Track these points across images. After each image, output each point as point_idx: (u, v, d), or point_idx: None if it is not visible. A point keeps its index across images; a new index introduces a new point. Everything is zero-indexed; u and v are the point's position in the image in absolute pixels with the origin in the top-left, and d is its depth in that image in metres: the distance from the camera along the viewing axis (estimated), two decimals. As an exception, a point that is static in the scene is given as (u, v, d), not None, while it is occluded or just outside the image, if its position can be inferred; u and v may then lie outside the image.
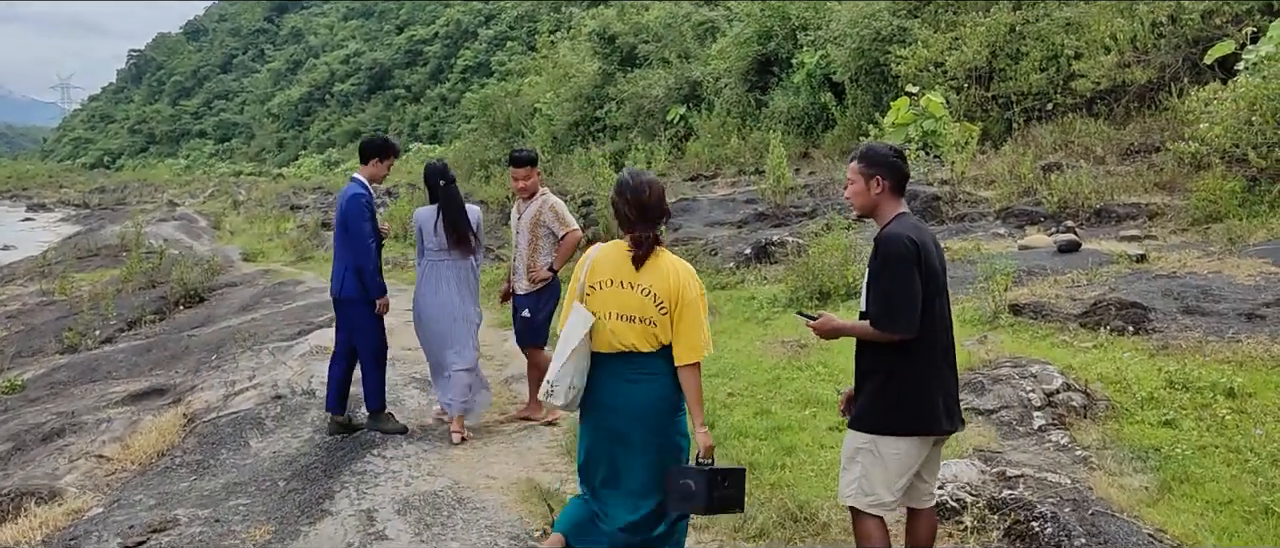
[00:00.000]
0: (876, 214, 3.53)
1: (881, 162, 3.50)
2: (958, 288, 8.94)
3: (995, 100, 17.28)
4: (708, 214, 16.80)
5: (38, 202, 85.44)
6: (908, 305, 3.31)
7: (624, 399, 3.54)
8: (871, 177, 3.49)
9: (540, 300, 6.36)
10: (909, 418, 3.36)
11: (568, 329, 3.56)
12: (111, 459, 6.41)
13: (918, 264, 3.32)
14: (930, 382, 3.38)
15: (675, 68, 26.07)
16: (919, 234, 3.39)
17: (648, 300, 3.52)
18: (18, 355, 14.50)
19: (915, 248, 3.32)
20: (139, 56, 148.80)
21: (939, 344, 3.41)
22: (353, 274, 5.95)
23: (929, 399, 3.38)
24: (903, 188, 3.54)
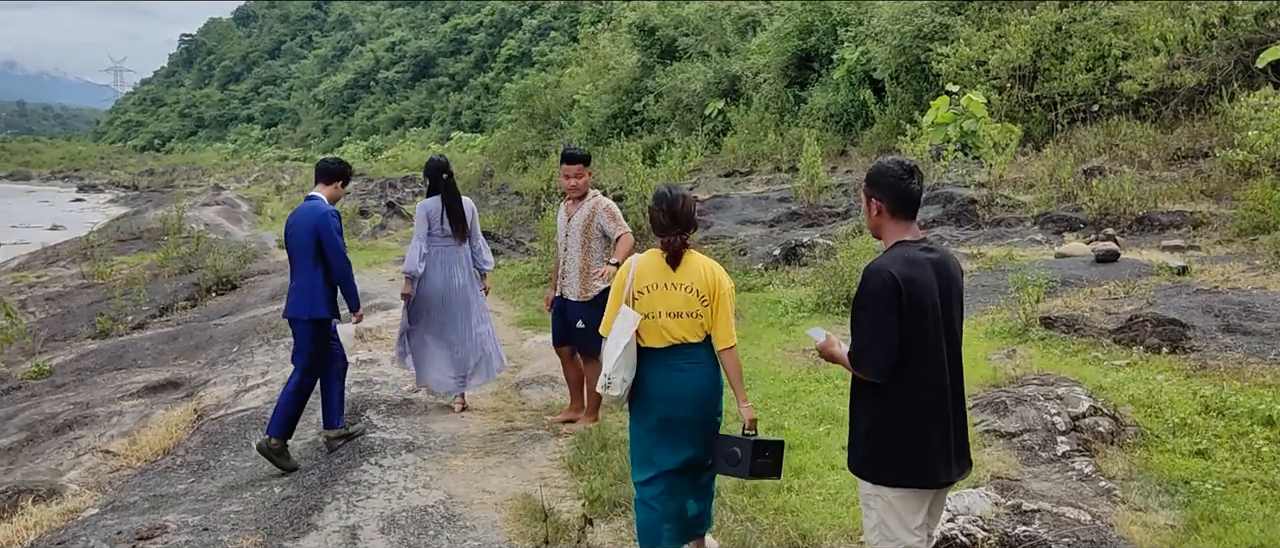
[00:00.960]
0: (881, 237, 3.29)
1: (878, 181, 3.22)
2: (988, 297, 8.67)
3: (1038, 101, 16.87)
4: (740, 211, 16.57)
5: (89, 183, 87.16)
6: (876, 347, 3.07)
7: (676, 387, 3.99)
8: (871, 198, 3.25)
9: (591, 312, 5.96)
10: (904, 470, 3.14)
11: (618, 330, 3.98)
12: (117, 455, 6.37)
13: (897, 302, 3.03)
14: (923, 429, 3.11)
15: (714, 62, 25.86)
16: (909, 268, 3.08)
17: (692, 296, 4.01)
18: (51, 339, 14.65)
19: (895, 284, 3.03)
20: (190, 41, 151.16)
21: (934, 385, 3.11)
22: (326, 293, 5.81)
23: (922, 450, 3.12)
24: (907, 209, 3.21)
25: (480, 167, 34.13)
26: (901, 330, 3.03)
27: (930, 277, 3.10)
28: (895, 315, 3.02)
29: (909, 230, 3.20)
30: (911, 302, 3.03)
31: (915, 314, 3.05)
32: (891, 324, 3.02)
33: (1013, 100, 16.89)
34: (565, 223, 6.30)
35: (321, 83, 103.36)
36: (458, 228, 6.65)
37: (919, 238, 3.20)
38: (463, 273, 6.74)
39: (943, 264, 3.18)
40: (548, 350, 8.36)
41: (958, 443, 3.19)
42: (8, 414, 8.51)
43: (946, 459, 3.15)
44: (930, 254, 3.15)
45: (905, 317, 3.03)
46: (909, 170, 3.19)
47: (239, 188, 58.93)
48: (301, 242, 5.82)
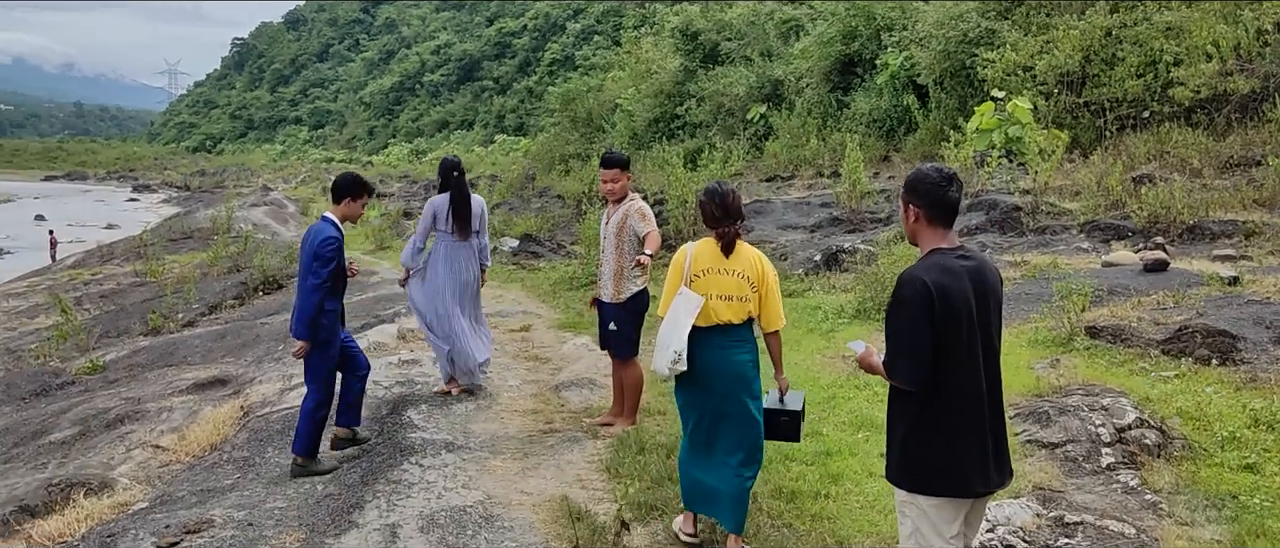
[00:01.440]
0: (918, 244, 3.27)
1: (917, 188, 3.21)
2: (1031, 305, 8.57)
3: (1086, 107, 16.62)
4: (781, 216, 16.51)
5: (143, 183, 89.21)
6: (910, 357, 3.06)
7: (723, 363, 4.37)
8: (908, 204, 3.23)
9: (624, 314, 6.08)
10: (938, 479, 3.12)
11: (678, 310, 4.35)
12: (167, 450, 6.50)
13: (930, 311, 3.01)
14: (958, 438, 3.09)
15: (757, 66, 25.78)
16: (943, 276, 3.06)
17: (743, 282, 4.42)
18: (104, 336, 15.00)
19: (928, 293, 3.01)
20: (242, 44, 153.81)
21: (969, 394, 3.09)
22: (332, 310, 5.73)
23: (957, 459, 3.10)
24: (945, 217, 3.18)
25: (522, 169, 34.31)
26: (935, 339, 3.02)
27: (965, 285, 3.07)
28: (927, 324, 3.00)
29: (946, 238, 3.18)
30: (945, 310, 3.01)
31: (949, 322, 3.03)
32: (924, 332, 3.01)
33: (1060, 106, 16.66)
34: (604, 226, 6.37)
35: (368, 85, 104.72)
36: (460, 224, 6.96)
37: (956, 246, 3.19)
38: (473, 265, 7.09)
39: (979, 272, 3.15)
40: (587, 353, 8.43)
41: (996, 452, 3.17)
42: (62, 409, 8.73)
43: (983, 469, 3.13)
44: (966, 262, 3.13)
45: (939, 325, 3.01)
46: (948, 178, 3.17)
47: (286, 188, 59.91)
48: (303, 262, 5.73)
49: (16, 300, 21.53)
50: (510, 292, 13.33)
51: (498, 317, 10.56)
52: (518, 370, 8.01)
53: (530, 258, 16.97)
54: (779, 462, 5.33)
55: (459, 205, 6.96)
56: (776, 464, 5.31)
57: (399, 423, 6.27)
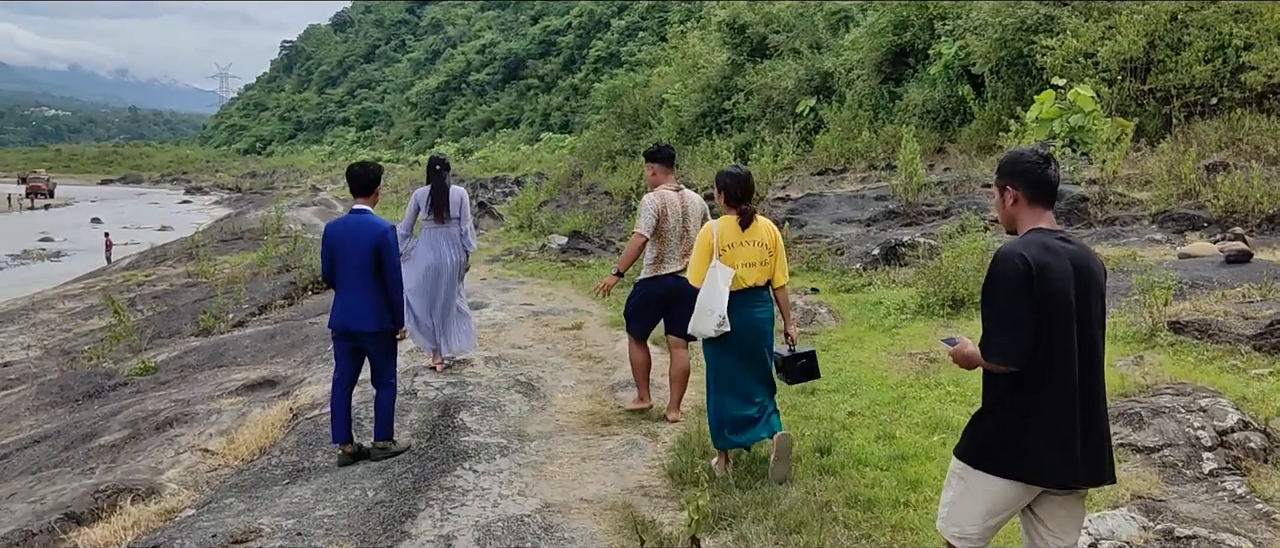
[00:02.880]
0: (1015, 228, 3.12)
1: (1013, 169, 3.09)
2: (1109, 299, 8.15)
3: (1152, 94, 16.07)
4: (835, 210, 16.14)
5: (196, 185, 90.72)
6: (1008, 333, 2.91)
7: (750, 320, 5.08)
8: (1004, 187, 3.11)
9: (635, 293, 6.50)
10: (1002, 457, 2.97)
11: (716, 280, 4.97)
12: (215, 453, 6.36)
13: (1029, 288, 2.87)
14: (1040, 423, 2.92)
15: (806, 59, 25.40)
16: (1043, 253, 2.92)
17: (762, 249, 5.15)
18: (156, 336, 15.05)
19: (1027, 269, 2.88)
20: (291, 47, 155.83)
21: (1058, 383, 2.91)
22: (385, 307, 5.77)
23: (1032, 442, 2.93)
24: (1046, 197, 3.06)
25: (569, 167, 34.18)
26: (1036, 317, 2.88)
27: (1067, 267, 2.94)
28: (1027, 301, 2.88)
29: (1043, 219, 3.05)
30: (1045, 289, 2.88)
31: (1048, 303, 2.89)
32: (1024, 309, 2.88)
33: (1124, 94, 16.11)
34: None
35: (414, 85, 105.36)
36: (437, 211, 7.79)
37: (1055, 227, 3.05)
38: (455, 248, 7.89)
39: (1082, 258, 3.00)
40: (641, 352, 8.18)
41: (1087, 448, 2.95)
42: (112, 411, 8.66)
43: (1062, 463, 2.93)
44: (1068, 245, 2.99)
45: (1038, 304, 2.88)
46: (1045, 158, 3.06)
47: (335, 189, 60.41)
48: (361, 258, 5.69)
49: (72, 302, 21.78)
50: (560, 289, 13.11)
51: (549, 315, 10.34)
52: (571, 370, 7.78)
53: (579, 255, 16.76)
54: (851, 467, 5.04)
55: (437, 194, 7.78)
56: (849, 469, 5.01)
57: (451, 426, 6.06)
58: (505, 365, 7.86)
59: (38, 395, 11.14)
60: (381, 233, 5.70)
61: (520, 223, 23.57)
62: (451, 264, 7.81)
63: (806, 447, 5.31)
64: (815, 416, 5.96)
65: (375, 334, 5.72)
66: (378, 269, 5.67)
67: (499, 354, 8.31)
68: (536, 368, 7.79)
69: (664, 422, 6.07)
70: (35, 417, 10.44)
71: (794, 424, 5.77)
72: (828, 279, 11.15)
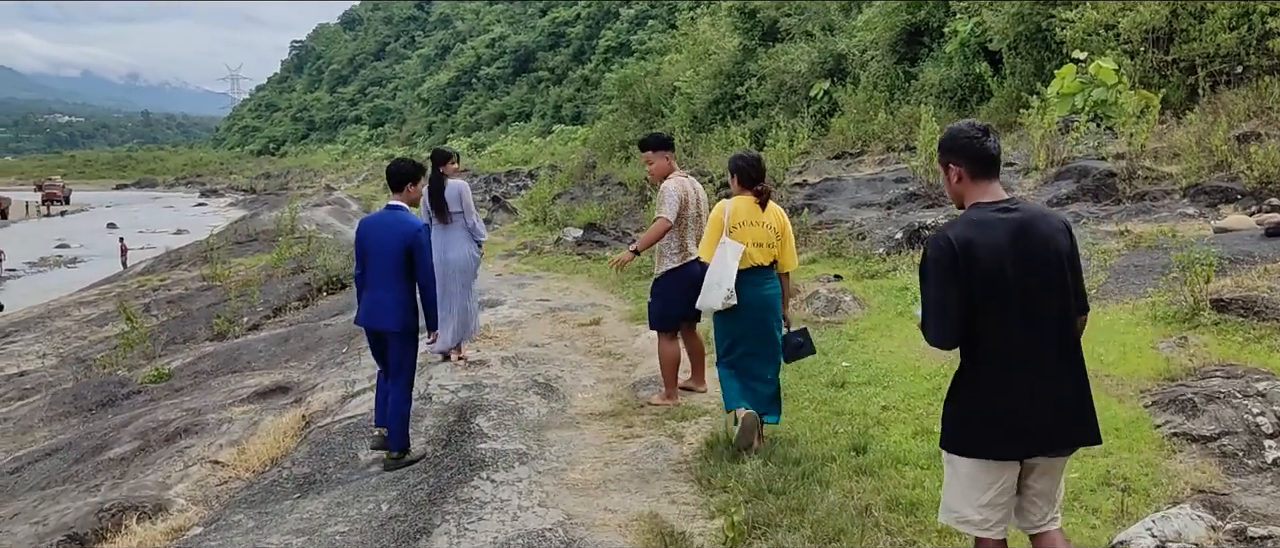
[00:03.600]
0: (963, 204, 3.09)
1: (952, 146, 3.07)
2: (1143, 278, 7.86)
3: (1175, 65, 15.65)
4: (854, 194, 15.82)
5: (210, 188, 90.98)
6: (936, 318, 2.97)
7: (759, 298, 5.28)
8: (947, 164, 3.09)
9: (655, 287, 6.39)
10: (966, 437, 3.01)
11: (725, 255, 5.17)
12: (226, 465, 6.16)
13: (954, 270, 2.89)
14: (999, 400, 2.94)
15: (819, 41, 25.01)
16: (970, 230, 2.92)
17: (770, 232, 5.35)
18: (170, 342, 14.91)
19: (950, 250, 2.89)
20: (300, 47, 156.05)
21: (1013, 357, 2.92)
22: (411, 307, 5.64)
23: (996, 421, 2.94)
24: (987, 169, 3.03)
25: (582, 158, 33.92)
26: (965, 298, 2.89)
27: (1000, 238, 2.90)
28: (953, 281, 2.89)
29: (988, 192, 3.03)
30: (973, 266, 2.88)
31: (981, 280, 2.89)
32: (950, 292, 2.90)
33: (1146, 65, 15.69)
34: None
35: (425, 82, 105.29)
36: (437, 212, 7.69)
37: (999, 199, 3.01)
38: (458, 248, 7.75)
39: (1025, 224, 2.95)
40: (662, 347, 7.93)
41: (1059, 414, 2.95)
42: (124, 421, 8.49)
43: (1033, 433, 2.93)
44: (1009, 214, 2.95)
45: (967, 282, 2.88)
46: (983, 130, 3.06)
47: (349, 187, 60.43)
48: (390, 255, 5.61)
49: (88, 309, 21.72)
50: (577, 284, 12.87)
51: (566, 311, 10.10)
52: (591, 369, 7.53)
53: (595, 247, 16.53)
54: (889, 466, 4.77)
55: (433, 193, 7.68)
56: (887, 469, 4.75)
57: (467, 432, 5.82)
58: (522, 365, 7.62)
59: (52, 406, 11.02)
60: (414, 232, 5.61)
61: (534, 217, 23.36)
62: (457, 261, 7.72)
63: (841, 445, 5.04)
64: (847, 411, 5.69)
65: (398, 333, 5.61)
66: (408, 268, 5.59)
67: (516, 353, 8.08)
68: (555, 367, 7.55)
69: (686, 421, 5.82)
70: (49, 427, 10.31)
71: (825, 420, 5.52)
72: (851, 265, 10.86)
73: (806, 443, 5.07)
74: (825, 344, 7.39)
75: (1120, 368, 5.82)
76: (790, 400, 5.91)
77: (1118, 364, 5.90)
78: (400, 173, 5.92)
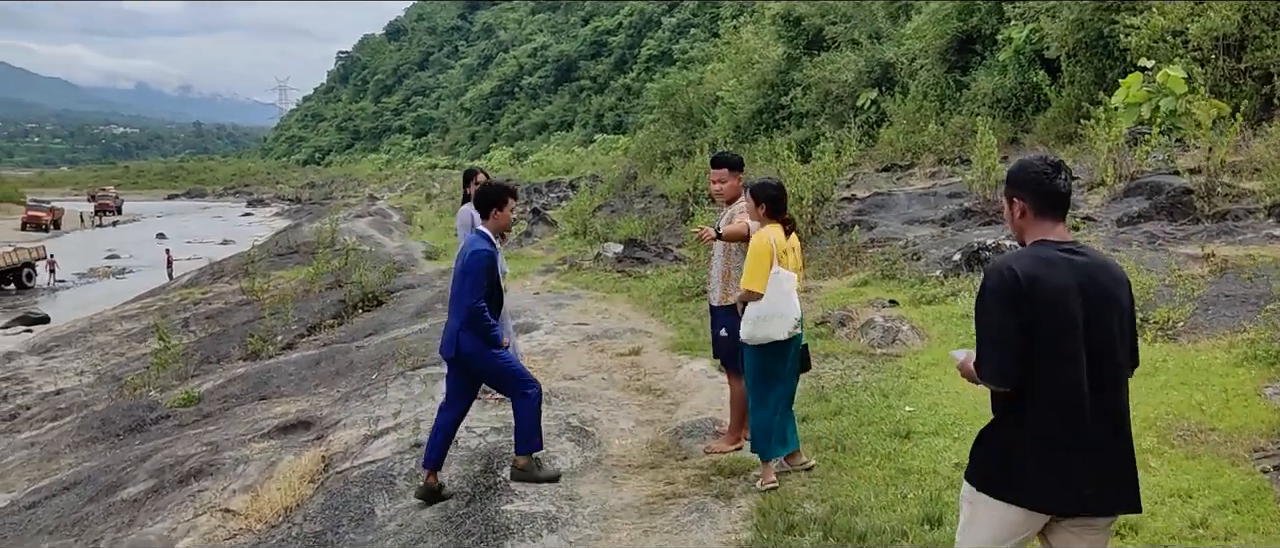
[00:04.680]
0: (1024, 241, 2.99)
1: (1020, 180, 2.96)
2: (1234, 310, 7.18)
3: (1248, 74, 14.84)
4: (906, 210, 15.17)
5: (257, 197, 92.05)
6: (995, 351, 2.83)
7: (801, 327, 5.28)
8: (1012, 198, 2.98)
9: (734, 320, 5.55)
10: (1000, 479, 2.85)
11: (784, 285, 5.12)
12: (236, 514, 5.74)
13: (1016, 302, 2.76)
14: (1037, 445, 2.79)
15: (866, 50, 24.38)
16: (1037, 266, 2.80)
17: (799, 255, 5.45)
18: (205, 361, 14.66)
19: (1015, 282, 2.77)
20: (346, 57, 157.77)
21: (1066, 404, 2.77)
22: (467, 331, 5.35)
23: (1028, 465, 2.79)
24: (1055, 208, 2.92)
25: (623, 169, 33.49)
26: (1026, 334, 2.76)
27: (1066, 279, 2.80)
28: (1013, 314, 2.78)
29: (1053, 231, 2.92)
30: (1037, 301, 2.76)
31: (1044, 316, 2.76)
32: (1011, 326, 2.78)
33: (1217, 74, 14.90)
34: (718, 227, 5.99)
35: (468, 91, 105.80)
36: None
37: (1063, 239, 2.92)
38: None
39: (1092, 270, 2.85)
40: (707, 381, 7.43)
41: (1105, 474, 2.81)
42: (142, 454, 8.15)
43: (1075, 488, 2.77)
44: (1073, 256, 2.85)
45: (1029, 317, 2.76)
46: (1055, 166, 2.94)
47: (392, 197, 60.54)
48: (455, 278, 5.49)
49: (129, 323, 21.67)
50: (615, 305, 12.36)
51: (604, 339, 9.57)
52: (629, 408, 6.98)
53: (635, 264, 16.02)
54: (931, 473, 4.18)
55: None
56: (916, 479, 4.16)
57: (493, 487, 5.32)
58: (556, 404, 7.10)
59: (80, 430, 10.78)
60: (471, 254, 5.39)
61: (574, 230, 22.93)
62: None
63: (911, 515, 4.43)
64: (916, 469, 5.08)
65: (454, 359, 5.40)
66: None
67: (550, 389, 7.57)
68: (590, 406, 7.00)
69: (735, 478, 5.26)
70: (75, 454, 10.04)
71: (891, 481, 4.92)
72: (905, 289, 10.23)
73: (872, 511, 4.47)
74: (884, 382, 6.81)
75: (1225, 420, 5.18)
76: (850, 454, 5.36)
77: (1222, 415, 5.26)
78: (485, 198, 5.60)
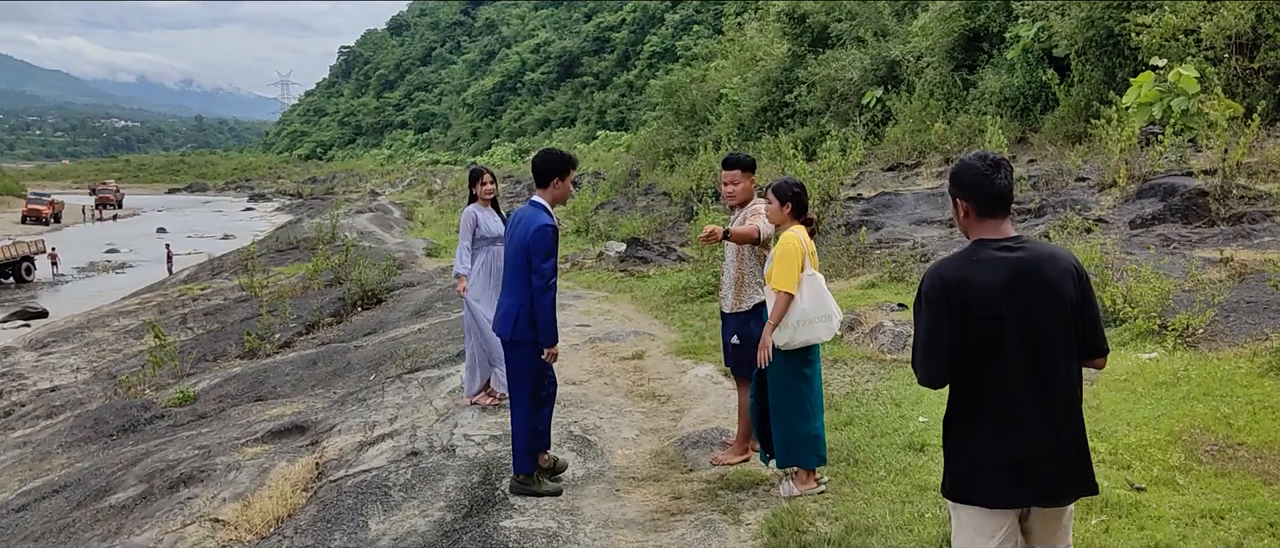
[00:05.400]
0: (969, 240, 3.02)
1: (961, 179, 2.98)
2: (1257, 316, 6.96)
3: (1261, 73, 14.63)
4: (913, 210, 14.96)
5: (258, 192, 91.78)
6: (925, 355, 2.90)
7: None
8: (955, 198, 3.02)
9: (749, 326, 5.50)
10: (971, 488, 2.90)
11: (820, 286, 5.03)
12: (226, 524, 5.54)
13: (945, 307, 2.84)
14: (997, 445, 2.85)
15: (871, 47, 24.17)
16: (967, 268, 2.87)
17: (818, 258, 5.25)
18: (201, 359, 14.47)
19: (943, 286, 2.85)
20: (348, 52, 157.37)
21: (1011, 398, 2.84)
22: (525, 316, 5.20)
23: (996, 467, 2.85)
24: (995, 207, 2.93)
25: (626, 166, 33.29)
26: (956, 337, 2.83)
27: (997, 277, 2.84)
28: (944, 321, 2.84)
29: (995, 229, 2.95)
30: (967, 305, 2.82)
31: (973, 319, 2.83)
32: (938, 330, 2.85)
33: (1229, 73, 14.69)
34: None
35: (470, 87, 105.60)
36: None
37: (1003, 236, 2.93)
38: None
39: (1028, 264, 2.87)
40: (712, 387, 7.23)
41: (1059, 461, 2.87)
42: (134, 457, 7.96)
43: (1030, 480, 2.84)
44: (1010, 253, 2.87)
45: (960, 321, 2.82)
46: (994, 164, 2.97)
47: (393, 192, 60.31)
48: (514, 254, 5.30)
49: (127, 319, 21.49)
50: (619, 306, 12.14)
51: (606, 342, 9.36)
52: (633, 416, 6.77)
53: (638, 264, 15.81)
54: None
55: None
56: None
57: (491, 500, 5.11)
58: (558, 411, 6.88)
59: (73, 430, 10.60)
60: (536, 228, 5.14)
61: (577, 227, 22.73)
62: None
63: (928, 535, 4.19)
64: (932, 485, 4.85)
65: (508, 343, 5.34)
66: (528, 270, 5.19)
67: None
68: (593, 413, 6.79)
69: (743, 492, 5.06)
70: (67, 454, 9.86)
71: (907, 498, 4.71)
72: (914, 292, 10.02)
73: (888, 531, 4.25)
74: (896, 390, 6.61)
75: (1254, 434, 4.98)
76: (863, 468, 5.15)
77: (1250, 429, 5.05)
78: (544, 167, 5.34)
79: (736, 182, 5.64)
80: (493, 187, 7.35)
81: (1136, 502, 4.34)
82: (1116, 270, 8.11)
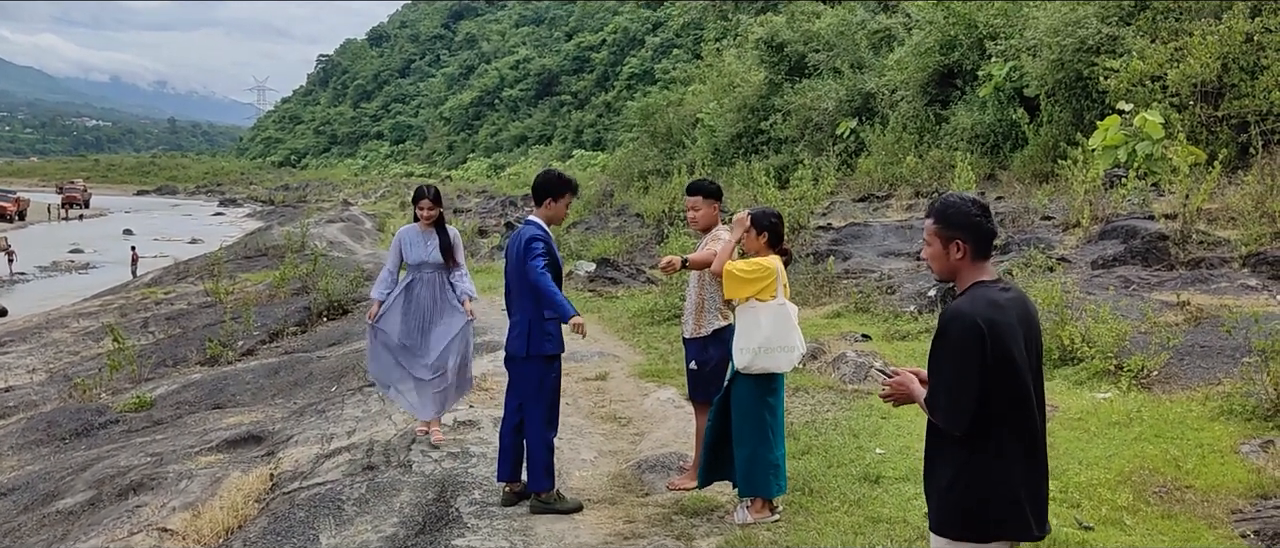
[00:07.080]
0: (956, 281, 3.07)
1: (961, 222, 2.99)
2: (1210, 362, 7.08)
3: (1225, 121, 14.92)
4: (881, 242, 15.09)
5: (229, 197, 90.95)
6: (955, 398, 2.88)
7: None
8: (950, 240, 3.00)
9: (707, 351, 5.55)
10: (985, 522, 2.90)
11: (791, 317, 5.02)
12: (174, 534, 5.47)
13: (981, 352, 2.84)
14: (1014, 484, 2.89)
15: (847, 79, 24.44)
16: (993, 311, 2.88)
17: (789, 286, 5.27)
18: (160, 364, 14.27)
19: (980, 332, 2.84)
20: (326, 61, 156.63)
21: (1024, 437, 2.92)
22: (539, 327, 5.30)
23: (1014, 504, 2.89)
24: (987, 250, 3.02)
25: (600, 186, 33.34)
26: (985, 380, 2.85)
27: (1013, 319, 2.92)
28: (976, 365, 2.85)
29: (987, 271, 3.03)
30: (997, 349, 2.85)
31: (1002, 362, 2.86)
32: (971, 374, 2.85)
33: (1194, 120, 14.98)
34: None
35: (448, 100, 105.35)
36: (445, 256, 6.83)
37: (996, 279, 3.05)
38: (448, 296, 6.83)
39: (1023, 306, 3.00)
40: (673, 411, 7.24)
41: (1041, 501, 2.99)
42: (85, 462, 7.84)
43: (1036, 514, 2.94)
44: (1008, 294, 2.98)
45: (989, 366, 2.85)
46: (984, 209, 3.05)
47: (366, 203, 59.98)
48: (515, 275, 5.41)
49: (87, 321, 21.14)
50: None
51: (571, 362, 9.34)
52: (593, 437, 6.77)
53: (608, 284, 15.83)
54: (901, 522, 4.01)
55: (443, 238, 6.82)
56: None
57: (445, 517, 5.09)
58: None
59: (25, 432, 10.41)
60: (527, 239, 5.34)
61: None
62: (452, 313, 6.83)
63: (879, 568, 4.25)
64: (885, 517, 4.88)
65: (523, 360, 5.39)
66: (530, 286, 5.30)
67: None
68: (552, 433, 6.79)
69: (698, 518, 5.07)
70: (17, 457, 9.68)
71: (860, 530, 4.74)
72: (879, 323, 10.10)
73: (839, 563, 4.30)
74: (854, 421, 6.65)
75: (1202, 478, 5.05)
76: (817, 499, 5.17)
77: (1198, 473, 5.13)
78: (539, 187, 5.57)
79: (698, 208, 5.64)
80: (431, 212, 6.63)
81: (1083, 541, 4.39)
82: (1076, 310, 8.22)
